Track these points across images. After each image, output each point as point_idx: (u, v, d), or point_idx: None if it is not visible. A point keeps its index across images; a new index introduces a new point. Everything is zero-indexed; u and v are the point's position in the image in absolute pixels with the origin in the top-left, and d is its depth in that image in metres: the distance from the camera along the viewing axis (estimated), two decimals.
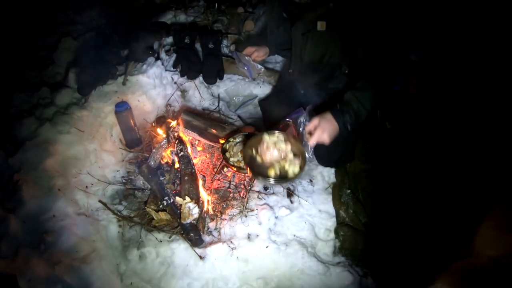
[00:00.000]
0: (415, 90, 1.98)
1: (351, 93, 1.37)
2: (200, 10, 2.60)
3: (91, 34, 2.44)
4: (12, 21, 2.49)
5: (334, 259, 1.50)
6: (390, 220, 1.52)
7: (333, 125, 1.35)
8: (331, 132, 1.34)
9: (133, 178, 1.69)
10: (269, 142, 1.37)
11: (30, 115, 1.86)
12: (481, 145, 1.57)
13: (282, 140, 1.41)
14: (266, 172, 1.33)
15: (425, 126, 1.81)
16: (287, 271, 1.42)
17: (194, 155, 1.73)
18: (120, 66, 2.13)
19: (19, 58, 2.35)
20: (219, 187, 1.67)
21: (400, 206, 1.53)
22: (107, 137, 1.84)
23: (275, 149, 1.36)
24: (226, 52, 2.37)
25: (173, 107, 2.07)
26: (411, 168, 1.63)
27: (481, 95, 1.78)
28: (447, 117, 1.80)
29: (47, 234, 1.40)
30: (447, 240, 1.36)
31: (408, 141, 1.73)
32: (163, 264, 1.42)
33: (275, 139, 1.39)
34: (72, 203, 1.54)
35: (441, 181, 1.53)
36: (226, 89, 2.21)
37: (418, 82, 1.98)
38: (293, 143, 1.42)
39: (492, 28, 1.94)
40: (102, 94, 1.95)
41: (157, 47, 2.29)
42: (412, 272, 1.36)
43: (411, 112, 1.90)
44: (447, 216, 1.43)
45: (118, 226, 1.52)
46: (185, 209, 1.41)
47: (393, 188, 1.59)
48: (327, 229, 1.54)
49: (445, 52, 2.12)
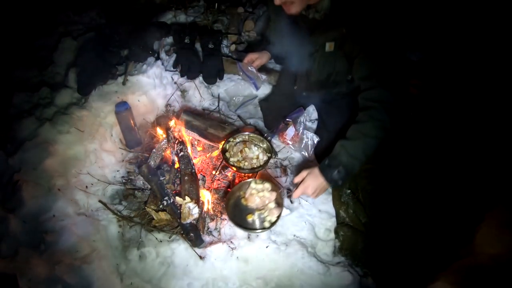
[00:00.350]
0: (415, 90, 1.98)
1: (340, 144, 1.29)
2: (200, 10, 2.61)
3: (91, 34, 2.43)
4: (12, 21, 2.49)
5: (334, 259, 1.50)
6: (390, 220, 1.52)
7: (319, 181, 1.32)
8: (316, 188, 1.33)
9: (133, 178, 1.69)
10: (253, 189, 1.45)
11: (30, 115, 1.86)
12: (481, 144, 1.58)
13: (267, 189, 1.46)
14: (245, 216, 1.42)
15: (425, 126, 1.81)
16: (287, 271, 1.42)
17: (194, 155, 1.73)
18: (120, 66, 2.13)
19: (19, 58, 2.35)
20: (219, 187, 1.66)
21: (400, 206, 1.53)
22: (107, 137, 1.84)
23: (258, 196, 1.43)
24: (226, 52, 2.37)
25: (173, 107, 2.07)
26: (411, 168, 1.63)
27: (481, 95, 1.78)
28: (447, 117, 1.80)
29: (47, 234, 1.40)
30: (447, 239, 1.36)
31: (408, 141, 1.73)
32: (163, 264, 1.42)
33: (261, 187, 1.45)
34: (72, 203, 1.54)
35: (441, 181, 1.53)
36: (226, 89, 2.21)
37: (418, 82, 1.98)
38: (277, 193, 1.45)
39: (492, 28, 1.94)
40: (102, 94, 1.95)
41: (157, 47, 2.29)
42: (412, 272, 1.36)
43: (411, 112, 1.90)
44: (447, 215, 1.43)
45: (118, 226, 1.52)
46: (185, 209, 1.41)
47: (393, 188, 1.59)
48: (327, 229, 1.54)
49: (445, 52, 2.12)
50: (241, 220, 1.41)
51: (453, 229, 1.37)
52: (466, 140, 1.63)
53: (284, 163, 1.80)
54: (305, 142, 1.77)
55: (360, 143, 1.26)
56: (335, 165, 1.28)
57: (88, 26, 2.62)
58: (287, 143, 1.84)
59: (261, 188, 1.45)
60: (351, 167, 1.28)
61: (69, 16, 2.68)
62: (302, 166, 1.79)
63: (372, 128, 1.25)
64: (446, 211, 1.44)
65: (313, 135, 1.74)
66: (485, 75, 1.85)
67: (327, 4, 1.31)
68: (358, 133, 1.27)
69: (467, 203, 1.40)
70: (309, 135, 1.75)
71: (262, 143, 1.68)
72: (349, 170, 1.28)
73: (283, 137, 1.84)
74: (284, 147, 1.87)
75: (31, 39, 2.50)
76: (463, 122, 1.73)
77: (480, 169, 1.49)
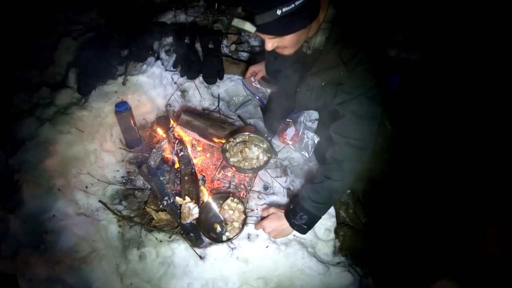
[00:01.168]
0: (415, 90, 1.98)
1: (305, 190, 1.28)
2: (200, 10, 2.60)
3: (91, 34, 2.43)
4: (12, 21, 2.49)
5: (334, 259, 1.50)
6: (390, 220, 1.52)
7: (280, 224, 1.33)
8: (274, 230, 1.35)
9: (133, 178, 1.69)
10: (228, 205, 1.50)
11: (30, 115, 1.85)
12: (482, 144, 1.58)
13: (239, 210, 1.49)
14: (212, 224, 1.49)
15: (425, 126, 1.81)
16: (287, 271, 1.42)
17: (194, 155, 1.73)
18: (120, 66, 2.13)
19: (19, 58, 2.35)
20: (219, 187, 1.67)
21: (400, 206, 1.53)
22: (107, 137, 1.84)
23: (228, 213, 1.49)
24: (226, 52, 2.37)
25: (173, 107, 2.07)
26: (411, 168, 1.63)
27: (481, 95, 1.78)
28: (447, 117, 1.80)
29: (47, 234, 1.40)
30: (447, 239, 1.36)
31: (408, 141, 1.73)
32: (163, 264, 1.42)
33: (234, 206, 1.50)
34: (72, 203, 1.54)
35: (442, 181, 1.53)
36: (226, 89, 2.21)
37: (418, 82, 1.98)
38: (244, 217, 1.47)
39: (492, 28, 1.94)
40: (102, 94, 1.95)
41: (157, 47, 2.29)
42: (412, 272, 1.36)
43: (411, 112, 1.90)
44: (448, 215, 1.43)
45: (118, 226, 1.52)
46: (185, 209, 1.41)
47: (393, 188, 1.59)
48: (327, 229, 1.53)
49: (445, 52, 2.12)
50: (208, 224, 1.49)
51: (454, 229, 1.37)
52: (467, 139, 1.63)
53: (284, 163, 1.80)
54: (305, 142, 1.77)
55: (323, 187, 1.24)
56: (299, 210, 1.28)
57: (88, 26, 2.62)
58: (287, 143, 1.84)
59: (234, 207, 1.50)
60: (316, 212, 1.26)
61: (69, 16, 2.68)
62: (302, 166, 1.80)
63: (335, 171, 1.22)
64: (446, 211, 1.44)
65: (313, 135, 1.74)
66: (485, 75, 1.85)
67: (320, 41, 1.19)
68: (321, 176, 1.24)
69: (469, 203, 1.40)
70: (310, 135, 1.75)
71: (262, 144, 1.68)
72: (313, 215, 1.27)
73: (283, 137, 1.84)
74: (284, 147, 1.87)
75: (31, 39, 2.50)
76: (464, 122, 1.73)
77: (483, 168, 1.49)
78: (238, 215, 1.48)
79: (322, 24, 1.16)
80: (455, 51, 2.06)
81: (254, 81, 1.79)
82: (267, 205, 1.57)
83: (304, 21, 1.05)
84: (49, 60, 2.31)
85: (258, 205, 1.59)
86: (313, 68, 1.30)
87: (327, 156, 1.27)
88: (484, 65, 1.88)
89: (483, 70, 1.87)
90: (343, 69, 1.17)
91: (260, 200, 1.62)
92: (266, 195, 1.64)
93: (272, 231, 1.38)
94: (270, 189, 1.67)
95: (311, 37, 1.20)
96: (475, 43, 1.98)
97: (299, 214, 1.28)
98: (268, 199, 1.62)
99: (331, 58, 1.20)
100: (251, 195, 1.64)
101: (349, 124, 1.19)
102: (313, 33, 1.18)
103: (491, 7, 1.95)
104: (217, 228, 1.48)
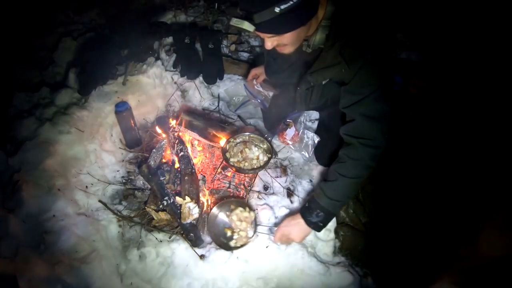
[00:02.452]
0: (415, 90, 1.98)
1: (319, 187, 1.27)
2: (200, 10, 2.60)
3: (91, 34, 2.44)
4: (12, 21, 2.49)
5: (334, 259, 1.49)
6: (390, 220, 1.52)
7: (299, 227, 1.31)
8: (299, 234, 1.32)
9: (133, 178, 1.69)
10: (236, 214, 1.49)
11: (30, 115, 1.86)
12: (482, 144, 1.58)
13: (250, 221, 1.48)
14: (222, 228, 1.48)
15: (425, 126, 1.81)
16: (287, 271, 1.42)
17: (194, 155, 1.73)
18: (120, 66, 2.13)
19: (19, 58, 2.35)
20: (219, 187, 1.66)
21: (400, 206, 1.53)
22: (107, 137, 1.84)
23: (240, 220, 1.47)
24: (226, 52, 2.37)
25: (173, 107, 2.07)
26: (411, 168, 1.63)
27: (481, 95, 1.78)
28: (447, 117, 1.80)
29: (47, 234, 1.40)
30: (447, 239, 1.37)
31: (408, 141, 1.73)
32: (163, 264, 1.42)
33: (246, 215, 1.48)
34: (72, 203, 1.54)
35: (442, 181, 1.53)
36: (226, 89, 2.21)
37: (418, 82, 1.98)
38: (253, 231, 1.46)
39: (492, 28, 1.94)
40: (102, 94, 1.95)
41: (157, 47, 2.29)
42: (412, 272, 1.36)
43: (411, 112, 1.90)
44: (448, 215, 1.43)
45: (118, 226, 1.52)
46: (185, 209, 1.40)
47: (393, 188, 1.59)
48: (327, 229, 1.53)
49: (445, 52, 2.12)
50: (218, 228, 1.48)
51: (454, 230, 1.37)
52: (467, 139, 1.63)
53: (284, 163, 1.80)
54: (305, 142, 1.77)
55: (339, 184, 1.23)
56: (315, 208, 1.27)
57: (88, 26, 2.62)
58: (287, 143, 1.84)
59: (244, 217, 1.48)
60: (332, 209, 1.26)
61: (69, 16, 2.69)
62: (302, 166, 1.80)
63: (350, 168, 1.21)
64: (446, 211, 1.44)
65: (313, 135, 1.74)
66: (485, 75, 1.85)
67: (320, 38, 1.18)
68: (336, 174, 1.23)
69: (468, 204, 1.40)
70: (310, 135, 1.75)
71: (262, 144, 1.68)
72: (329, 212, 1.26)
73: (283, 137, 1.84)
74: (284, 147, 1.87)
75: (31, 39, 2.50)
76: (464, 122, 1.73)
77: (482, 169, 1.49)
78: (245, 226, 1.46)
79: (321, 21, 1.15)
80: (455, 51, 2.06)
81: (256, 83, 1.79)
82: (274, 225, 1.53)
83: (303, 18, 1.05)
84: (49, 60, 2.31)
85: (258, 205, 1.59)
86: (313, 66, 1.30)
87: (340, 154, 1.26)
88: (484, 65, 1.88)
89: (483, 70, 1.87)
90: (344, 67, 1.15)
91: (260, 200, 1.62)
92: (266, 195, 1.64)
93: (297, 236, 1.34)
94: (270, 189, 1.67)
95: (311, 35, 1.19)
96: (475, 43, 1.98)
97: (316, 211, 1.27)
98: (268, 199, 1.62)
99: (331, 55, 1.18)
100: (251, 195, 1.64)
101: (361, 126, 1.19)
102: (313, 31, 1.18)
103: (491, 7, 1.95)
104: (227, 233, 1.46)
